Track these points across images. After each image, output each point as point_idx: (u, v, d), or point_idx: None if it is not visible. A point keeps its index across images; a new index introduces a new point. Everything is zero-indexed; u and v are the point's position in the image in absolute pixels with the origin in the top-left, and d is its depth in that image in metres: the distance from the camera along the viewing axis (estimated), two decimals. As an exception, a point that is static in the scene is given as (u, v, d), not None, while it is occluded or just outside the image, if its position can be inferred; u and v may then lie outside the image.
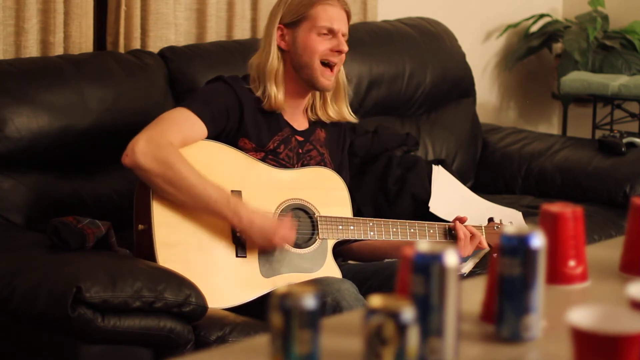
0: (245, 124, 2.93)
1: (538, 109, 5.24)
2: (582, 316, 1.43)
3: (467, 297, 1.60)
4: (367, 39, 3.97)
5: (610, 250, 2.04)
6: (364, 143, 3.66)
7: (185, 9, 3.72)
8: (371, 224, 2.98)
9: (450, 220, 3.11)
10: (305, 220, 2.93)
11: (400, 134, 3.86)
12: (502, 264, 1.60)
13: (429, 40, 4.15)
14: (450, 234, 3.04)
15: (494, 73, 5.02)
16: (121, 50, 3.52)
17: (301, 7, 2.98)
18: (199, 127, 2.86)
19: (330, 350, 1.49)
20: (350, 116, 3.12)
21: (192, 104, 2.89)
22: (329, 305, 2.62)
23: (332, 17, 2.98)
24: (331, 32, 2.98)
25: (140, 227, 2.77)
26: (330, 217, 2.95)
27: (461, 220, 3.05)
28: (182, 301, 2.60)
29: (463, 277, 2.89)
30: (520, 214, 3.64)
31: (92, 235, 2.73)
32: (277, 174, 2.93)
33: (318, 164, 3.05)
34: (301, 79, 3.00)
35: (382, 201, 3.56)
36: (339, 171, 3.09)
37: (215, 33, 3.78)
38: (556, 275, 1.85)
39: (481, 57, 4.91)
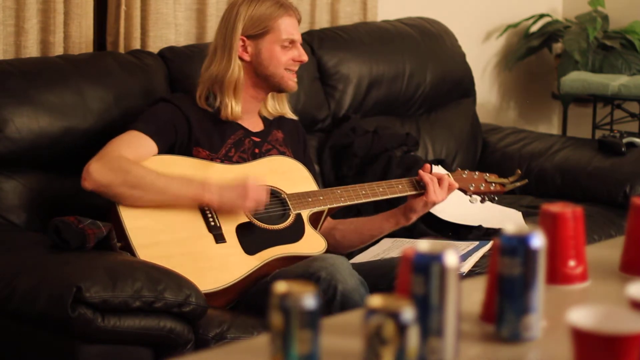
0: (195, 134, 3.00)
1: (538, 109, 5.24)
2: (582, 316, 1.43)
3: (467, 297, 1.60)
4: (367, 39, 3.97)
5: (610, 250, 2.04)
6: (364, 143, 3.66)
7: (185, 9, 3.72)
8: (339, 191, 3.06)
9: (450, 220, 3.11)
10: (274, 201, 2.98)
11: (400, 134, 3.86)
12: (502, 264, 1.60)
13: (429, 40, 4.15)
14: (419, 185, 3.11)
15: (494, 73, 5.02)
16: (121, 50, 3.52)
17: (263, 20, 3.04)
18: (148, 143, 2.93)
19: (330, 350, 1.49)
20: (290, 113, 3.21)
21: (137, 124, 2.97)
22: (323, 279, 2.66)
23: (292, 29, 3.07)
24: (292, 43, 3.07)
25: (119, 244, 2.80)
26: (298, 192, 3.02)
27: (425, 168, 3.11)
28: (182, 301, 2.60)
29: (463, 276, 2.89)
30: (520, 214, 3.64)
31: (93, 235, 2.73)
32: (235, 169, 2.99)
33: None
34: (265, 84, 3.08)
35: (382, 201, 3.56)
36: None
37: (215, 33, 3.77)
38: (556, 275, 1.85)
39: (481, 57, 4.91)
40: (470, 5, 4.85)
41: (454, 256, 1.49)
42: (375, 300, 1.39)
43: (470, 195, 3.21)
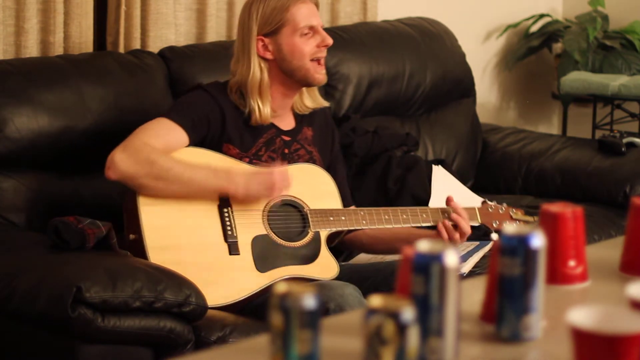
0: (227, 130, 2.94)
1: (538, 109, 5.24)
2: (582, 316, 1.43)
3: (467, 297, 1.60)
4: (367, 39, 3.97)
5: (610, 250, 2.04)
6: (364, 143, 3.66)
7: (185, 9, 3.72)
8: (362, 212, 2.99)
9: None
10: (295, 215, 2.94)
11: (400, 134, 3.86)
12: (502, 264, 1.60)
13: (429, 40, 4.14)
14: (446, 216, 3.01)
15: (494, 73, 5.02)
16: (121, 50, 3.52)
17: (276, 14, 2.96)
18: (180, 135, 2.88)
19: (330, 350, 1.49)
20: (323, 100, 3.12)
21: (171, 113, 2.92)
22: (332, 311, 2.62)
23: (309, 15, 2.98)
24: (312, 29, 2.98)
25: (132, 236, 2.78)
26: (321, 209, 2.96)
27: (449, 202, 3.02)
28: (182, 301, 2.60)
29: (463, 277, 2.89)
30: (520, 213, 3.64)
31: (93, 235, 2.73)
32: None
33: (306, 162, 3.05)
34: (292, 80, 2.99)
35: (382, 201, 3.56)
36: (328, 170, 3.09)
37: (215, 33, 3.78)
38: (556, 275, 1.85)
39: (481, 57, 4.90)
40: (470, 5, 4.85)
41: (454, 256, 1.49)
42: (375, 300, 1.39)
43: (493, 232, 3.15)
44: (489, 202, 3.16)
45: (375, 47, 3.96)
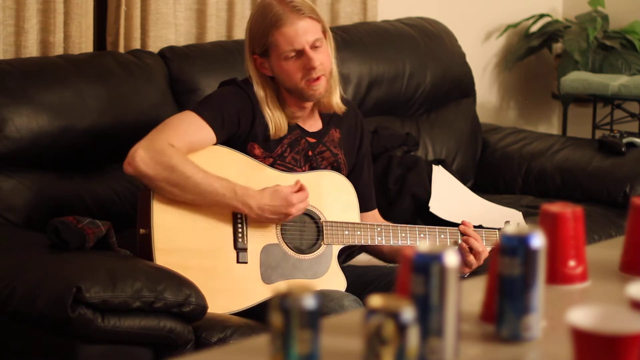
0: (255, 129, 2.90)
1: (538, 109, 5.24)
2: (582, 316, 1.43)
3: (467, 297, 1.61)
4: (367, 39, 3.97)
5: (610, 250, 2.04)
6: (364, 143, 3.66)
7: (185, 9, 3.72)
8: (379, 229, 2.93)
9: (450, 220, 3.10)
10: (310, 225, 2.90)
11: (400, 134, 3.86)
12: (502, 264, 1.60)
13: (429, 40, 4.14)
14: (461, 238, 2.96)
15: (494, 73, 5.02)
16: (121, 50, 3.52)
17: (262, 37, 2.89)
18: (207, 134, 2.83)
19: (330, 350, 1.49)
20: (337, 107, 2.99)
21: (203, 109, 2.86)
22: None
23: (293, 38, 2.86)
24: (297, 52, 2.87)
25: (142, 231, 2.76)
26: (337, 222, 2.91)
27: (465, 225, 2.95)
28: (182, 301, 2.60)
29: (463, 277, 2.89)
30: (520, 214, 3.64)
31: (92, 235, 2.73)
32: (284, 179, 2.88)
33: (331, 164, 3.00)
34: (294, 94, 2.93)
35: (382, 201, 3.56)
36: (352, 172, 3.05)
37: (215, 33, 3.78)
38: (556, 275, 1.85)
39: (481, 57, 4.90)
40: (470, 5, 4.85)
41: (454, 256, 1.49)
42: (375, 300, 1.39)
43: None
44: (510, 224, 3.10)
45: (375, 47, 3.96)
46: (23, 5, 3.29)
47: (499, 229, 3.03)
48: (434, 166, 3.74)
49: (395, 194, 3.60)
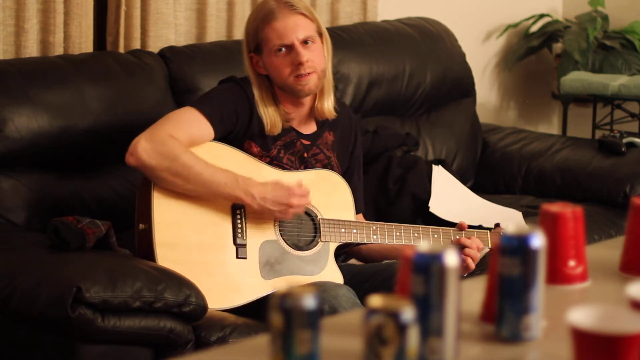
0: (252, 127, 2.92)
1: (538, 109, 5.24)
2: (582, 316, 1.43)
3: (467, 297, 1.60)
4: (367, 39, 3.97)
5: (610, 250, 2.04)
6: (364, 143, 3.66)
7: (185, 9, 3.72)
8: (374, 227, 2.96)
9: (450, 220, 3.10)
10: (307, 222, 2.92)
11: (400, 134, 3.86)
12: (502, 264, 1.60)
13: (429, 40, 4.15)
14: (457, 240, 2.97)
15: (494, 73, 5.02)
16: (121, 50, 3.52)
17: (254, 34, 2.94)
18: (206, 129, 2.85)
19: (330, 350, 1.49)
20: (329, 112, 3.01)
21: (202, 105, 2.89)
22: (326, 312, 2.61)
23: (283, 33, 2.89)
24: (286, 47, 2.91)
25: (142, 226, 2.77)
26: (333, 220, 2.93)
27: (462, 226, 2.99)
28: (182, 301, 2.60)
29: (463, 277, 2.89)
30: (520, 214, 3.64)
31: (92, 235, 2.73)
32: (282, 176, 2.90)
33: (324, 167, 3.02)
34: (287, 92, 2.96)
35: (382, 201, 3.56)
36: (345, 174, 3.07)
37: (215, 33, 3.78)
38: (556, 275, 1.85)
39: (481, 57, 4.91)
40: (470, 5, 4.85)
41: (454, 256, 1.49)
42: (375, 300, 1.39)
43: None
44: (502, 227, 3.11)
45: (375, 47, 3.96)
46: (23, 5, 3.29)
47: (490, 229, 3.05)
48: (434, 166, 3.74)
49: (395, 194, 3.60)
